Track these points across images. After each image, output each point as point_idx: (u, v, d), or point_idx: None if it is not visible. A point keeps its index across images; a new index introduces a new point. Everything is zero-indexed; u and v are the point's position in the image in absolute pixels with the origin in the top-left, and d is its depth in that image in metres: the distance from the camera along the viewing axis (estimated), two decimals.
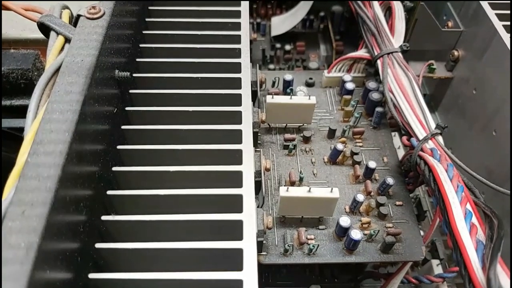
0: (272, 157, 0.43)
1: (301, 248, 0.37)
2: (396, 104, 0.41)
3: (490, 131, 0.45)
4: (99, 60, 0.31)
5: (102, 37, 0.32)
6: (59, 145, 0.25)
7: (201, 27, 0.41)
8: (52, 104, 0.27)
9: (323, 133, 0.45)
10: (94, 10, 0.33)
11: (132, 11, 0.39)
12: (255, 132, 0.36)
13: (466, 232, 0.29)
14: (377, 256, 0.37)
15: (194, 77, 0.37)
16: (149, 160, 0.32)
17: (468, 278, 0.27)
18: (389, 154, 0.43)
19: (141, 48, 0.40)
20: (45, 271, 0.22)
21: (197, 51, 0.39)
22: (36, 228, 0.22)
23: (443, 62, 0.54)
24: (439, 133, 0.38)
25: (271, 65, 0.63)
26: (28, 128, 0.26)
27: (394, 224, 0.38)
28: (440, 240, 0.48)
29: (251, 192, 0.29)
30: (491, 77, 0.45)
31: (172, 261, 0.28)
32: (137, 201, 0.30)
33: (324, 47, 0.66)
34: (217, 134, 0.33)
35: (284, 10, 0.66)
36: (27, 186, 0.23)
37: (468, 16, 0.50)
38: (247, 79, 0.37)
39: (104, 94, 0.32)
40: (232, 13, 0.42)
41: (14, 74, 0.38)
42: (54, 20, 0.33)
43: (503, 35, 0.44)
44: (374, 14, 0.48)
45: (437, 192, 0.33)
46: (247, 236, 0.27)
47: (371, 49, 0.47)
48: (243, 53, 0.39)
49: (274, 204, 0.39)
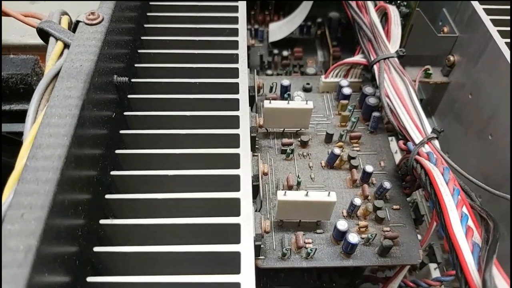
0: (269, 162, 0.43)
1: (299, 252, 0.37)
2: (393, 108, 0.42)
3: (486, 135, 0.46)
4: (97, 66, 0.31)
5: (100, 43, 0.32)
6: (57, 149, 0.25)
7: (199, 33, 0.42)
8: (51, 108, 0.27)
9: (320, 137, 0.45)
10: (93, 16, 0.34)
11: (130, 17, 0.40)
12: (253, 136, 0.37)
13: (462, 235, 0.29)
14: (374, 260, 0.37)
15: (192, 82, 0.37)
16: (147, 164, 0.32)
17: (464, 280, 0.27)
18: (386, 158, 0.44)
19: (139, 54, 0.40)
20: (44, 274, 0.22)
21: (195, 56, 0.39)
22: (35, 231, 0.22)
23: (439, 67, 0.54)
24: (436, 137, 0.38)
25: (268, 71, 0.63)
26: (27, 132, 0.27)
27: (392, 228, 0.39)
28: (438, 244, 0.48)
29: (249, 196, 0.30)
30: (487, 81, 0.46)
31: (170, 264, 0.28)
32: (135, 205, 0.30)
33: (321, 53, 0.66)
34: (215, 139, 0.33)
35: (281, 17, 0.67)
36: (26, 189, 0.23)
37: (463, 22, 0.51)
38: (245, 84, 0.37)
39: (103, 99, 0.32)
40: (230, 19, 0.43)
41: (14, 79, 0.38)
42: (53, 26, 0.33)
43: (498, 41, 0.44)
44: (371, 20, 0.48)
45: (434, 195, 0.33)
46: (245, 239, 0.27)
47: (367, 54, 0.47)
48: (241, 58, 0.39)
49: (272, 208, 0.39)
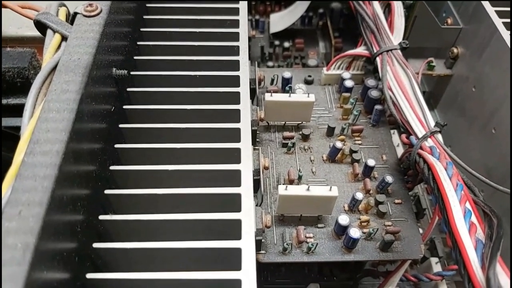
0: (270, 155, 0.42)
1: (300, 247, 0.36)
2: (395, 101, 0.41)
3: (489, 129, 0.45)
4: (96, 58, 0.30)
5: (99, 35, 0.32)
6: (55, 145, 0.25)
7: (199, 24, 0.41)
8: (48, 103, 0.27)
9: (322, 131, 0.45)
10: (91, 8, 0.33)
11: (129, 9, 0.39)
12: (254, 130, 0.36)
13: (466, 231, 0.28)
14: (376, 255, 0.37)
15: (192, 75, 0.37)
16: (147, 159, 0.32)
17: (467, 277, 0.27)
18: (388, 152, 0.43)
19: (138, 46, 0.39)
20: (43, 272, 0.22)
21: (195, 48, 0.39)
22: (33, 228, 0.21)
23: (442, 60, 0.54)
24: (438, 131, 0.38)
25: (269, 63, 0.63)
26: (25, 127, 0.26)
27: (393, 222, 0.38)
28: (439, 238, 0.48)
29: (250, 190, 0.29)
30: (491, 74, 0.45)
31: (170, 260, 0.28)
32: (135, 200, 0.30)
33: (323, 44, 0.65)
34: (215, 133, 0.33)
35: (283, 7, 0.66)
36: (24, 186, 0.23)
37: (467, 13, 0.50)
38: (246, 77, 0.37)
39: (102, 92, 0.32)
40: (231, 10, 0.42)
41: (11, 73, 0.38)
42: (51, 18, 0.33)
43: (503, 33, 0.43)
44: (373, 11, 0.47)
45: (436, 190, 0.33)
46: (246, 235, 0.27)
47: (370, 46, 0.46)
48: (242, 50, 0.39)
49: (273, 202, 0.39)
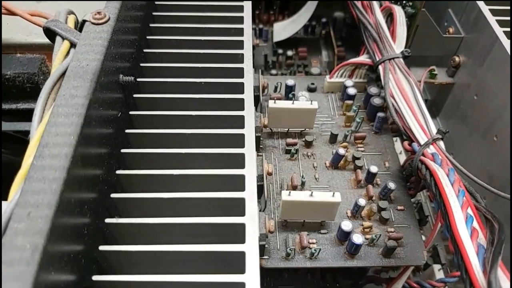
0: (274, 162, 0.43)
1: (303, 252, 0.37)
2: (398, 109, 0.42)
3: (491, 137, 0.45)
4: (104, 65, 0.31)
5: (107, 42, 0.32)
6: (64, 148, 0.25)
7: (204, 32, 0.42)
8: (57, 107, 0.27)
9: (325, 138, 0.45)
10: (99, 16, 0.34)
11: (136, 17, 0.40)
12: (258, 136, 0.37)
13: (467, 236, 0.29)
14: (378, 261, 0.37)
15: (197, 82, 0.37)
16: (152, 164, 0.32)
17: (469, 282, 0.27)
18: (390, 159, 0.44)
19: (145, 53, 0.40)
20: (50, 273, 0.22)
21: (200, 56, 0.40)
22: (42, 229, 0.22)
23: (444, 68, 0.54)
24: (441, 138, 0.38)
25: (273, 71, 0.63)
26: (34, 131, 0.27)
27: (396, 228, 0.39)
28: (442, 245, 0.48)
29: (254, 195, 0.30)
30: (492, 82, 0.46)
31: (175, 263, 0.28)
32: (141, 204, 0.30)
33: (326, 53, 0.66)
34: (220, 138, 0.33)
35: (286, 16, 0.67)
36: (33, 188, 0.23)
37: (469, 22, 0.51)
38: (250, 84, 0.37)
39: (109, 98, 0.32)
40: (235, 19, 0.43)
41: (20, 78, 0.39)
42: (59, 25, 0.34)
43: (503, 41, 0.44)
44: (376, 20, 0.48)
45: (438, 196, 0.33)
46: (250, 239, 0.27)
47: (372, 54, 0.47)
48: (246, 58, 0.39)
49: (276, 208, 0.39)
